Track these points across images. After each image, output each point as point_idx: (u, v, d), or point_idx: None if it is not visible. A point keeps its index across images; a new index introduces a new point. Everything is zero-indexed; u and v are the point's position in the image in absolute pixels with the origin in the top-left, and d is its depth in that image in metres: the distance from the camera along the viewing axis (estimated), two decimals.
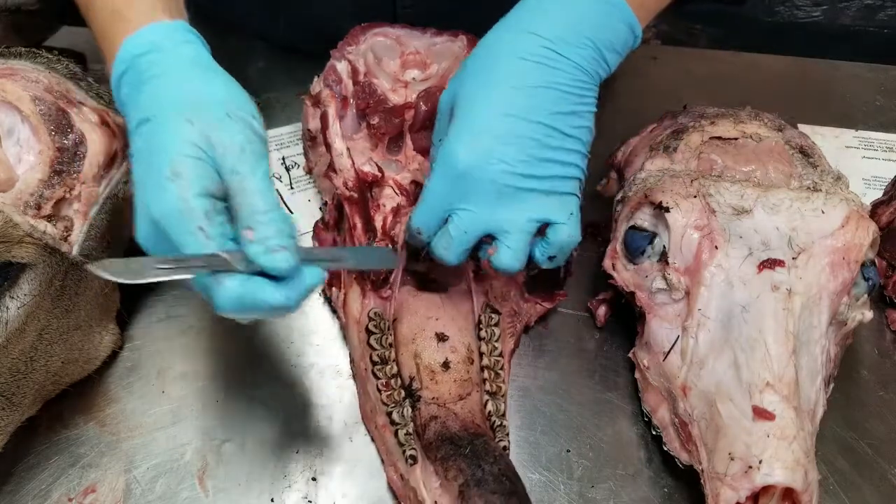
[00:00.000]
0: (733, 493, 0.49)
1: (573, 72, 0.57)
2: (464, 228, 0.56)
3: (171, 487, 0.58)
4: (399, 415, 0.55)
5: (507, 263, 0.56)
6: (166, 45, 0.53)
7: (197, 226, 0.45)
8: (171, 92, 0.50)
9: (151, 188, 0.47)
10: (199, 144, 0.47)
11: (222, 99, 0.51)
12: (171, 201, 0.46)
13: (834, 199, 0.59)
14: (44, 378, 0.58)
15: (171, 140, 0.47)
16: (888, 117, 0.93)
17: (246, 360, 0.67)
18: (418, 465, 0.53)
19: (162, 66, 0.52)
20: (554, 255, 0.58)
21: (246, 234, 0.46)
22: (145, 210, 0.47)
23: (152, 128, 0.49)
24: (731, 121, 0.70)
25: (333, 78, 0.74)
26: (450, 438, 0.52)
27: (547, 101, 0.56)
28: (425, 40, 0.78)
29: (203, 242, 0.45)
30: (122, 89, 0.53)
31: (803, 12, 1.37)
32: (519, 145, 0.55)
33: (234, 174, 0.47)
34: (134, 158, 0.50)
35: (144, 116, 0.50)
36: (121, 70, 0.53)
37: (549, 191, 0.56)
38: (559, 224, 0.57)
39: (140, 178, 0.49)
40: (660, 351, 0.59)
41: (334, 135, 0.66)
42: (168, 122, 0.48)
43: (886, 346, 0.69)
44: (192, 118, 0.48)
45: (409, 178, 0.67)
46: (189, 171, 0.46)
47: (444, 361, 0.57)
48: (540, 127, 0.56)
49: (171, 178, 0.46)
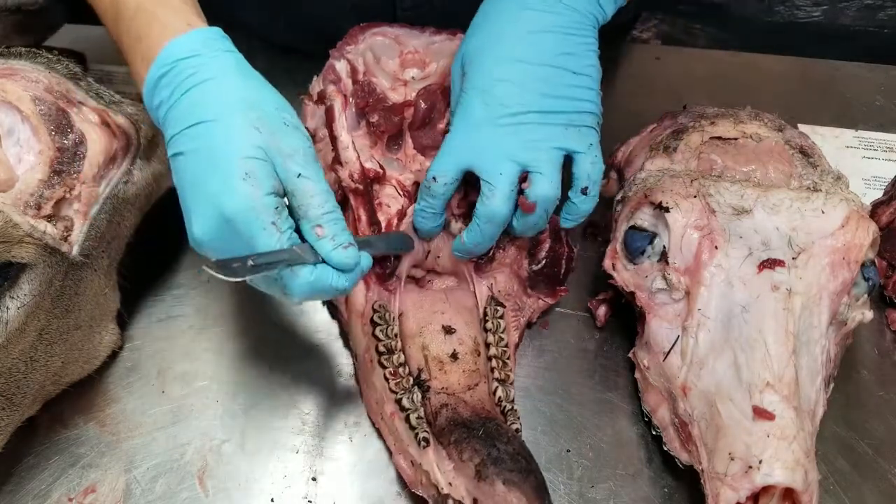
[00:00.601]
0: (733, 493, 0.49)
1: (571, 14, 0.61)
2: (499, 171, 0.58)
3: (171, 487, 0.58)
4: (409, 400, 0.56)
5: (544, 190, 0.59)
6: (208, 50, 0.54)
7: (270, 221, 0.50)
8: (231, 96, 0.52)
9: (221, 188, 0.49)
10: (265, 148, 0.51)
11: (277, 106, 0.54)
12: (245, 199, 0.49)
13: (834, 199, 0.59)
14: (44, 378, 0.58)
15: (239, 142, 0.50)
16: (888, 117, 0.93)
17: (246, 360, 0.67)
18: (431, 447, 0.53)
19: (211, 69, 0.53)
20: (586, 186, 0.61)
21: (317, 231, 0.52)
22: (214, 209, 0.49)
23: (215, 129, 0.51)
24: (731, 121, 0.70)
25: (333, 77, 0.74)
26: (462, 423, 0.53)
27: (551, 44, 0.60)
28: (424, 39, 0.78)
29: (276, 236, 0.50)
30: (159, 93, 0.54)
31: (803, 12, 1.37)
32: (532, 87, 0.59)
33: (300, 178, 0.52)
34: (185, 157, 0.52)
35: (204, 118, 0.51)
36: (160, 72, 0.54)
37: (568, 124, 0.60)
38: (581, 153, 0.60)
39: (198, 178, 0.51)
40: (660, 351, 0.59)
41: (340, 128, 0.67)
42: (234, 126, 0.51)
43: (886, 346, 0.69)
44: (258, 125, 0.51)
45: (412, 180, 0.67)
46: (259, 171, 0.50)
47: (452, 352, 0.58)
48: (548, 68, 0.60)
49: (244, 178, 0.49)
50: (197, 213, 0.51)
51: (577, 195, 0.62)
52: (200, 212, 0.50)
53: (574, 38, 0.61)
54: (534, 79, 0.59)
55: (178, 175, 0.53)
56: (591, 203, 0.63)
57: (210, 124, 0.51)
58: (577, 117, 0.60)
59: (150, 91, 0.55)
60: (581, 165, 0.61)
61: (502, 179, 0.58)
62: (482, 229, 0.60)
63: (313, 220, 0.52)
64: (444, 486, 0.51)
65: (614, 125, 0.74)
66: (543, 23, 0.61)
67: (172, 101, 0.53)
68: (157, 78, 0.54)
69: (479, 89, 0.60)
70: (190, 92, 0.53)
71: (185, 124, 0.52)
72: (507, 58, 0.60)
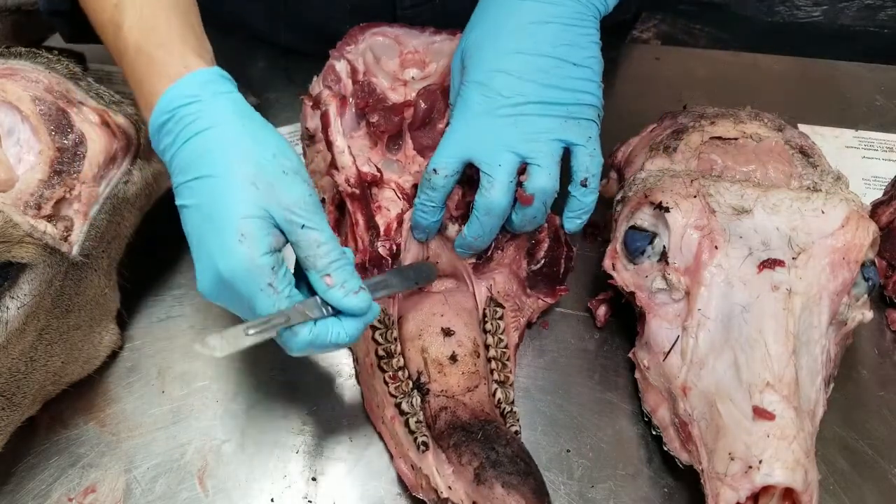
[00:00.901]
0: (733, 493, 0.49)
1: (571, 5, 0.61)
2: (497, 162, 0.58)
3: (171, 487, 0.58)
4: (408, 404, 0.56)
5: (542, 183, 0.59)
6: (206, 94, 0.53)
7: (266, 283, 0.49)
8: (228, 150, 0.51)
9: (218, 248, 0.49)
10: (263, 205, 0.50)
11: (274, 153, 0.52)
12: (240, 262, 0.48)
13: (834, 199, 0.59)
14: (44, 378, 0.58)
15: (236, 202, 0.49)
16: (888, 117, 0.93)
17: (245, 360, 0.67)
18: (430, 451, 0.53)
19: (209, 117, 0.52)
20: (585, 178, 0.61)
21: (326, 280, 0.51)
22: (212, 268, 0.49)
23: (214, 186, 0.50)
24: (731, 121, 0.70)
25: (332, 77, 0.74)
26: (461, 426, 0.53)
27: (550, 35, 0.60)
28: (424, 39, 0.78)
29: (273, 298, 0.49)
30: (162, 139, 0.53)
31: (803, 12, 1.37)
32: (531, 79, 0.59)
33: (304, 229, 0.51)
34: (188, 210, 0.51)
35: (203, 173, 0.51)
36: (161, 120, 0.53)
37: (567, 116, 0.60)
38: (579, 146, 0.60)
39: (200, 233, 0.50)
40: (660, 351, 0.59)
41: (336, 133, 0.67)
42: (232, 184, 0.50)
43: (886, 346, 0.69)
44: (255, 181, 0.50)
45: (411, 182, 0.67)
46: (256, 231, 0.49)
47: (451, 354, 0.58)
48: (549, 59, 0.60)
49: (240, 241, 0.48)
50: (199, 268, 0.50)
51: (577, 188, 0.62)
52: (202, 268, 0.50)
53: (575, 30, 0.61)
54: (533, 70, 0.59)
55: (184, 225, 0.52)
56: (592, 196, 0.62)
57: (209, 180, 0.50)
58: (576, 109, 0.60)
59: (154, 136, 0.54)
60: (580, 158, 0.61)
61: (501, 171, 0.58)
62: (482, 222, 0.60)
63: (322, 270, 0.51)
64: (444, 490, 0.51)
65: (614, 125, 0.74)
66: (544, 14, 0.60)
67: (174, 149, 0.52)
68: (160, 125, 0.53)
69: (478, 81, 0.60)
70: (190, 142, 0.52)
71: (187, 176, 0.51)
72: (506, 49, 0.60)
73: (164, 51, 0.55)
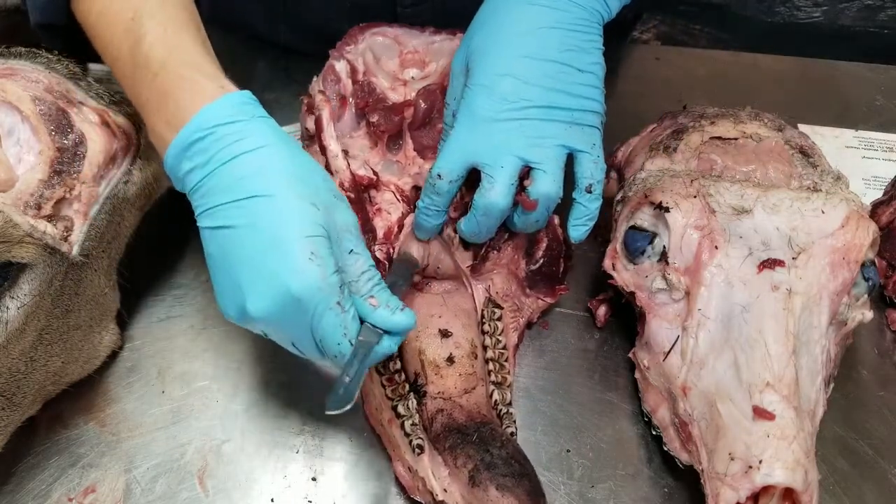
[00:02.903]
0: (733, 493, 0.49)
1: (576, 11, 0.61)
2: (500, 164, 0.58)
3: (171, 487, 0.58)
4: (404, 407, 0.56)
5: (546, 188, 0.59)
6: (244, 116, 0.52)
7: (336, 301, 0.50)
8: (283, 170, 0.51)
9: (287, 268, 0.48)
10: (324, 226, 0.50)
11: (323, 177, 0.54)
12: (314, 280, 0.48)
13: (834, 199, 0.59)
14: (44, 378, 0.58)
15: (301, 221, 0.49)
16: (888, 117, 0.93)
17: (246, 360, 0.67)
18: (426, 454, 0.53)
19: (256, 138, 0.51)
20: (590, 184, 0.61)
21: (370, 302, 0.52)
22: (279, 288, 0.48)
23: (273, 205, 0.50)
24: (731, 121, 0.70)
25: (332, 77, 0.74)
26: (457, 428, 0.52)
27: (556, 40, 0.60)
28: (423, 39, 0.78)
29: (340, 317, 0.50)
30: (193, 157, 0.52)
31: (803, 12, 1.37)
32: (537, 83, 0.59)
33: (351, 254, 0.52)
34: (235, 231, 0.50)
35: (257, 193, 0.50)
36: (194, 137, 0.51)
37: (571, 122, 0.60)
38: (584, 153, 0.60)
39: (255, 254, 0.49)
40: (660, 351, 0.59)
41: (329, 137, 0.67)
42: (294, 203, 0.50)
43: (886, 346, 0.69)
44: (314, 201, 0.51)
45: (411, 184, 0.67)
46: (324, 251, 0.49)
47: (448, 356, 0.58)
48: (553, 64, 0.60)
49: (310, 259, 0.48)
50: (255, 290, 0.49)
51: (582, 195, 0.62)
52: (260, 289, 0.49)
53: (579, 35, 0.61)
54: (538, 74, 0.59)
55: (223, 248, 0.51)
56: (597, 203, 0.62)
57: (265, 199, 0.49)
58: (580, 115, 0.60)
59: (178, 154, 0.52)
60: (584, 164, 0.61)
61: (503, 173, 0.58)
62: (479, 221, 0.60)
63: (365, 294, 0.52)
64: (439, 493, 0.51)
65: (614, 125, 0.74)
66: (549, 19, 0.61)
67: (211, 168, 0.51)
68: (190, 143, 0.52)
69: (483, 85, 0.60)
70: (235, 161, 0.51)
71: (233, 196, 0.50)
72: (512, 53, 0.60)
73: (195, 69, 0.54)
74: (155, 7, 0.57)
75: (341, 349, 0.51)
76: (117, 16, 0.57)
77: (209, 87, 0.53)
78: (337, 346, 0.50)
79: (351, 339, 0.51)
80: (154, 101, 0.55)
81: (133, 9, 0.56)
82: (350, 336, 0.51)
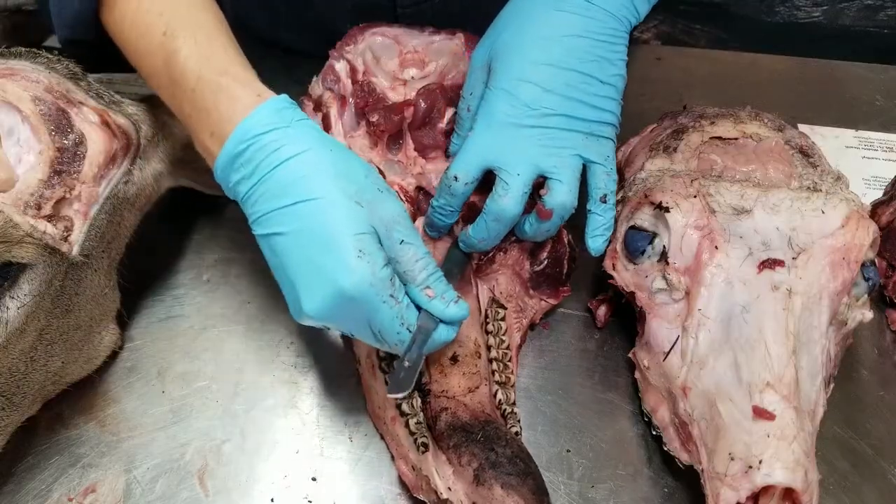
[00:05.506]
0: (733, 493, 0.49)
1: (605, 19, 0.61)
2: (517, 171, 0.58)
3: (171, 487, 0.58)
4: (408, 405, 0.56)
5: (562, 198, 0.59)
6: (283, 122, 0.53)
7: (389, 294, 0.51)
8: (327, 171, 0.52)
9: (337, 267, 0.49)
10: (371, 222, 0.51)
11: (365, 173, 0.54)
12: (364, 276, 0.49)
13: (834, 199, 0.59)
14: (44, 378, 0.58)
15: (348, 221, 0.50)
16: (888, 117, 0.93)
17: (246, 360, 0.67)
18: (430, 452, 0.53)
19: (297, 143, 0.52)
20: (605, 195, 0.62)
21: (427, 293, 0.53)
22: (331, 287, 0.49)
23: (319, 208, 0.50)
24: (731, 121, 0.70)
25: (332, 77, 0.74)
26: (461, 427, 0.53)
27: (582, 50, 0.60)
28: (423, 39, 0.78)
29: (395, 308, 0.51)
30: (240, 168, 0.53)
31: (803, 12, 1.37)
32: (558, 92, 0.59)
33: (403, 244, 0.52)
34: (287, 237, 0.51)
35: (304, 197, 0.51)
36: (238, 149, 0.52)
37: (589, 133, 0.60)
38: (598, 164, 0.61)
39: (307, 256, 0.50)
40: (660, 351, 0.59)
41: (336, 135, 0.67)
42: (339, 204, 0.51)
43: (886, 346, 0.69)
44: (359, 200, 0.51)
45: (414, 184, 0.67)
46: (372, 247, 0.50)
47: (452, 355, 0.58)
48: (577, 74, 0.60)
49: (359, 257, 0.49)
50: (309, 290, 0.50)
51: (596, 205, 0.62)
52: (314, 290, 0.50)
53: (606, 46, 0.61)
54: (561, 83, 0.59)
55: (278, 254, 0.52)
56: (611, 213, 0.63)
57: (313, 203, 0.50)
58: (598, 127, 0.60)
59: (225, 167, 0.53)
60: (598, 176, 0.61)
61: (518, 180, 0.58)
62: (489, 226, 0.60)
63: (421, 284, 0.53)
64: (443, 491, 0.51)
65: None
66: (577, 27, 0.60)
67: (258, 177, 0.52)
68: (235, 155, 0.52)
69: (504, 89, 0.60)
70: (281, 167, 0.51)
71: (282, 203, 0.51)
72: (536, 60, 0.60)
73: (231, 78, 0.55)
74: (185, 17, 0.57)
75: (401, 338, 0.52)
76: (150, 28, 0.58)
77: (246, 95, 0.54)
78: (396, 335, 0.52)
79: (409, 326, 0.52)
80: (195, 115, 0.55)
81: (164, 22, 0.57)
82: (408, 324, 0.52)
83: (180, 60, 0.56)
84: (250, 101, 0.53)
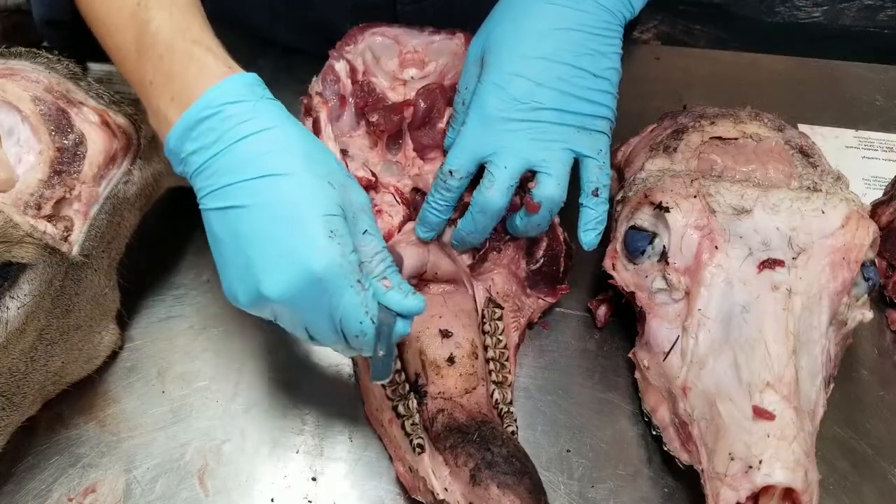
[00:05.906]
0: (733, 493, 0.49)
1: (599, 13, 0.60)
2: (503, 164, 0.58)
3: (171, 487, 0.58)
4: (404, 407, 0.56)
5: (550, 192, 0.59)
6: (253, 97, 0.51)
7: (356, 279, 0.49)
8: (296, 149, 0.50)
9: (307, 246, 0.48)
10: (340, 204, 0.50)
11: (335, 158, 0.53)
12: (335, 258, 0.48)
13: (834, 199, 0.59)
14: (44, 378, 0.58)
15: (319, 200, 0.49)
16: (888, 117, 0.93)
17: (246, 360, 0.67)
18: (426, 453, 0.53)
19: (266, 118, 0.51)
20: (596, 189, 0.61)
21: (384, 283, 0.51)
22: (298, 267, 0.47)
23: (287, 184, 0.49)
24: (731, 121, 0.70)
25: (331, 77, 0.74)
26: (458, 428, 0.53)
27: (574, 44, 0.59)
28: (423, 38, 0.78)
29: (361, 295, 0.49)
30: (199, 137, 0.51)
31: (803, 12, 1.37)
32: (550, 86, 0.58)
33: (366, 234, 0.51)
34: (248, 210, 0.49)
35: (270, 172, 0.49)
36: (202, 115, 0.50)
37: (581, 127, 0.60)
38: (590, 158, 0.60)
39: (271, 234, 0.48)
40: (660, 351, 0.59)
41: (326, 139, 0.67)
42: (310, 182, 0.49)
43: (886, 346, 0.69)
44: (331, 181, 0.50)
45: (410, 186, 0.67)
46: (342, 229, 0.49)
47: (448, 356, 0.58)
48: (569, 68, 0.59)
49: (330, 237, 0.48)
50: (272, 270, 0.48)
51: (588, 199, 0.61)
52: (276, 269, 0.48)
53: (599, 39, 0.60)
54: (553, 77, 0.59)
55: (234, 229, 0.49)
56: (604, 206, 0.62)
57: (279, 178, 0.49)
58: (590, 121, 0.60)
59: (181, 134, 0.51)
60: (589, 170, 0.61)
61: (505, 173, 0.58)
62: (475, 219, 0.60)
63: (379, 275, 0.51)
64: (440, 492, 0.51)
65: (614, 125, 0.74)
66: (570, 20, 0.60)
67: (219, 148, 0.50)
68: (197, 121, 0.50)
69: (495, 84, 0.59)
70: (245, 141, 0.50)
71: (245, 175, 0.49)
72: (527, 53, 0.59)
73: (203, 49, 0.53)
74: None
75: (363, 328, 0.50)
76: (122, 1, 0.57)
77: (217, 66, 0.53)
78: (359, 324, 0.49)
79: (372, 317, 0.50)
80: (159, 81, 0.54)
81: None
82: (371, 314, 0.50)
83: (152, 30, 0.54)
84: (220, 71, 0.52)
